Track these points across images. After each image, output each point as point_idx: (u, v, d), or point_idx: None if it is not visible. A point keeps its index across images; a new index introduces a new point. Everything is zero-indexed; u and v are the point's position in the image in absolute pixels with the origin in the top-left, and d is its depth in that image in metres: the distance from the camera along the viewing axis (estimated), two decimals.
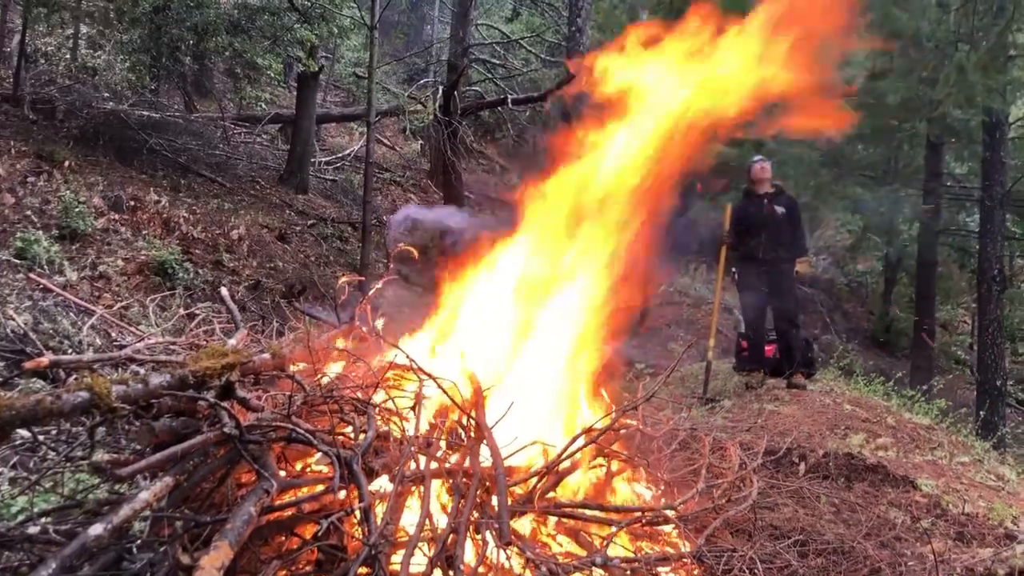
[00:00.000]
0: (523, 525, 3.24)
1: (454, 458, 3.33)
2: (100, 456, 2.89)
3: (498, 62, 18.10)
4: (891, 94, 12.56)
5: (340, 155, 17.65)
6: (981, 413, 10.89)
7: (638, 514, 3.31)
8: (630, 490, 3.78)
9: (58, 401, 2.25)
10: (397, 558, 2.68)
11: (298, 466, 3.18)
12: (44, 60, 13.00)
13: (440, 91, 14.61)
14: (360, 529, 2.70)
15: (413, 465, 3.10)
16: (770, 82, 4.11)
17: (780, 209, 7.39)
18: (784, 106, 4.36)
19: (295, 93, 15.71)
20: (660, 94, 4.36)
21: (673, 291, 16.81)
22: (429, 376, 3.44)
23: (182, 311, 5.91)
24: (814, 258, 18.17)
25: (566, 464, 3.44)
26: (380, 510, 2.81)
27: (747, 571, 2.88)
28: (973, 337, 17.97)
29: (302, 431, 2.79)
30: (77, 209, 8.45)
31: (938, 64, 11.55)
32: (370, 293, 4.55)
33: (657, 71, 4.35)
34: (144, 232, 9.30)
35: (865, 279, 21.27)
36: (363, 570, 2.54)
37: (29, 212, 8.21)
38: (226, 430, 2.62)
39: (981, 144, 13.08)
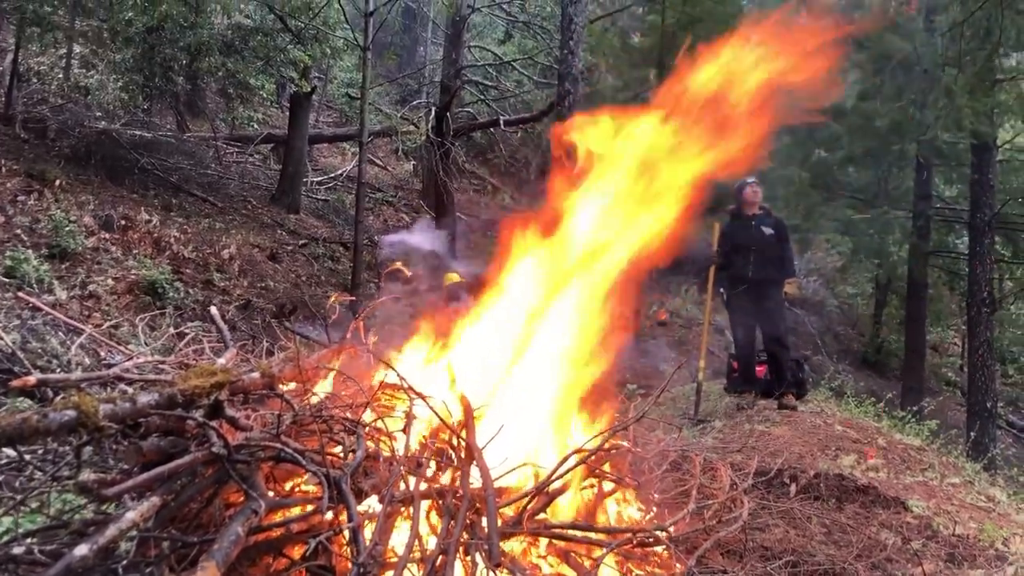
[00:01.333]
0: (513, 546, 3.22)
1: (444, 479, 3.31)
2: (87, 476, 2.86)
3: (490, 84, 18.20)
4: (880, 117, 12.69)
5: (332, 175, 17.69)
6: (972, 434, 10.91)
7: (628, 535, 3.30)
8: (621, 511, 3.77)
9: (44, 419, 2.23)
10: None
11: (287, 487, 3.15)
12: (36, 79, 13.02)
13: (433, 112, 14.69)
14: (349, 549, 2.68)
15: (403, 486, 3.09)
16: None
17: (768, 230, 7.42)
18: None
19: (288, 113, 15.77)
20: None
21: (664, 312, 16.84)
22: (419, 396, 3.43)
23: (172, 331, 5.88)
24: (802, 280, 18.23)
25: (556, 485, 3.42)
26: (369, 531, 2.79)
27: None
28: (963, 359, 18.05)
29: (291, 450, 2.77)
30: (67, 228, 8.44)
31: (927, 87, 11.67)
32: (363, 311, 4.55)
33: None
34: (135, 251, 9.29)
35: (855, 301, 21.35)
36: None
37: (19, 231, 8.19)
38: (214, 449, 2.60)
39: (969, 167, 13.19)
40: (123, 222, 9.70)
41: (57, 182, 9.58)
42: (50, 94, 12.75)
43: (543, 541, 3.29)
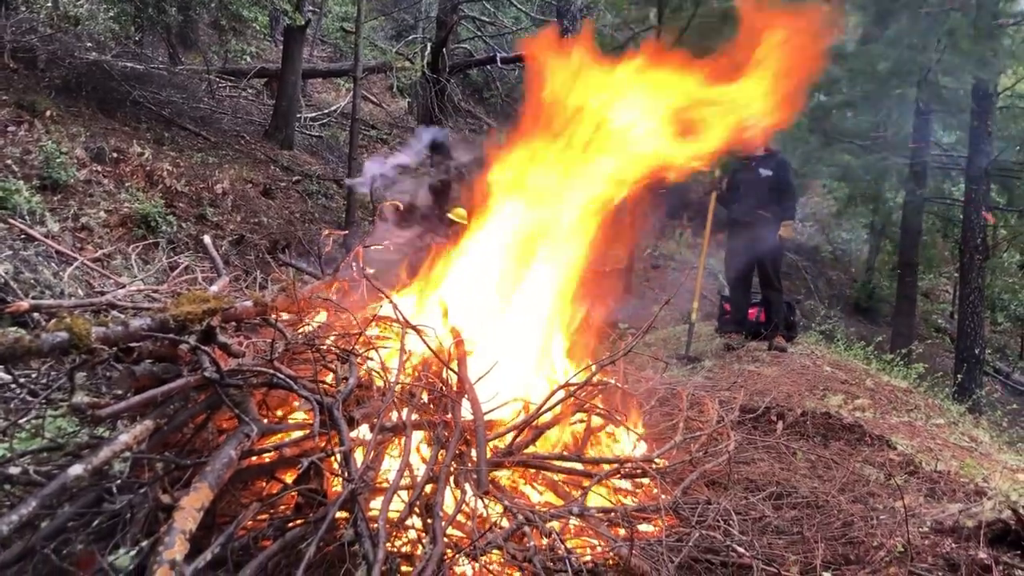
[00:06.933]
0: (502, 477, 3.27)
1: (436, 411, 3.34)
2: (80, 398, 2.89)
3: (488, 20, 17.88)
4: (882, 61, 12.52)
5: (326, 111, 17.48)
6: (958, 377, 11.02)
7: (616, 466, 3.35)
8: (610, 444, 3.82)
9: (37, 340, 2.24)
10: (376, 504, 2.71)
11: (279, 414, 3.19)
12: (25, 8, 12.72)
13: (428, 48, 14.43)
14: (341, 473, 2.72)
15: (395, 416, 3.12)
16: None
17: (766, 172, 7.38)
18: None
19: (281, 47, 15.50)
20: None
21: (659, 255, 16.87)
22: (412, 328, 3.45)
23: (165, 262, 5.88)
24: (798, 224, 18.22)
25: (546, 418, 3.47)
26: (360, 456, 2.83)
27: (721, 521, 2.92)
28: (954, 306, 18.15)
29: (283, 376, 2.79)
30: (59, 160, 8.35)
31: (929, 30, 11.50)
32: (358, 244, 4.54)
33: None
34: (127, 184, 9.21)
35: (849, 246, 21.37)
36: (342, 514, 2.56)
37: (9, 162, 8.10)
38: (207, 374, 2.62)
39: (969, 113, 13.07)
40: (115, 155, 9.61)
41: (48, 113, 9.45)
42: (39, 23, 12.48)
43: (532, 472, 3.34)
